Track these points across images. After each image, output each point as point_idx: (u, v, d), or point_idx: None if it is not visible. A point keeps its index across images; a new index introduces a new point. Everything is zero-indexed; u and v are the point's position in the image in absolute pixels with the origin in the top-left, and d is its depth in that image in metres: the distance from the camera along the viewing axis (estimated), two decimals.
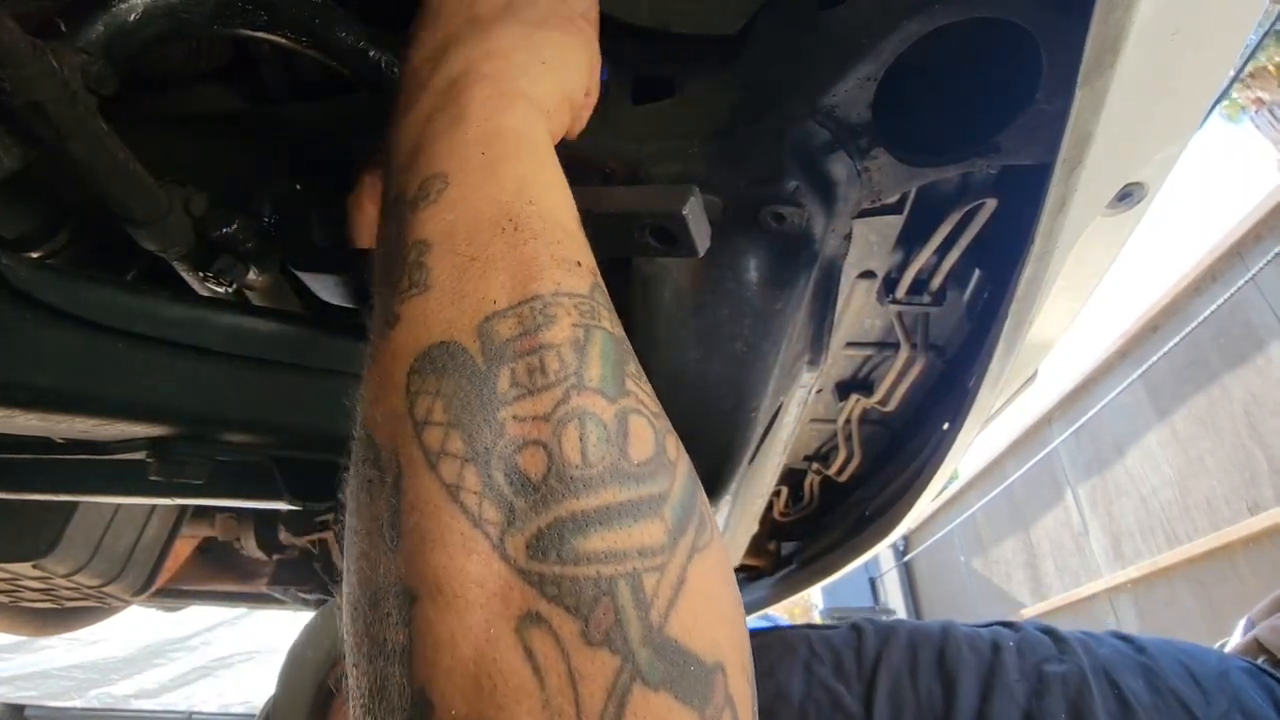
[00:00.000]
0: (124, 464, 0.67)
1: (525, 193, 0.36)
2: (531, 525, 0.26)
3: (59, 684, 5.42)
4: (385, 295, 0.34)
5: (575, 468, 0.27)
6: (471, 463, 0.27)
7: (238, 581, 1.93)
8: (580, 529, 0.26)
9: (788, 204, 0.66)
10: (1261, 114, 8.87)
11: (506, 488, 0.27)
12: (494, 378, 0.29)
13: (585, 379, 0.30)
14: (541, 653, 0.24)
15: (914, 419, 1.43)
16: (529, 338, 0.30)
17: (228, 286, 0.62)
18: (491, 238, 0.34)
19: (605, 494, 0.27)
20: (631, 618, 0.25)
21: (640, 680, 0.24)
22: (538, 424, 0.28)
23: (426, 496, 0.27)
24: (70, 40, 0.45)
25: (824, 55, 0.60)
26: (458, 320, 0.31)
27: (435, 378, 0.29)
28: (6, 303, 0.44)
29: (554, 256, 0.34)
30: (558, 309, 0.31)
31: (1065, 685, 0.66)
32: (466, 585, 0.25)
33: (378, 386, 0.32)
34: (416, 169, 0.38)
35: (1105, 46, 0.43)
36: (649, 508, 0.28)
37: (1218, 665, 0.71)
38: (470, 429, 0.28)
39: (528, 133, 0.40)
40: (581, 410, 0.29)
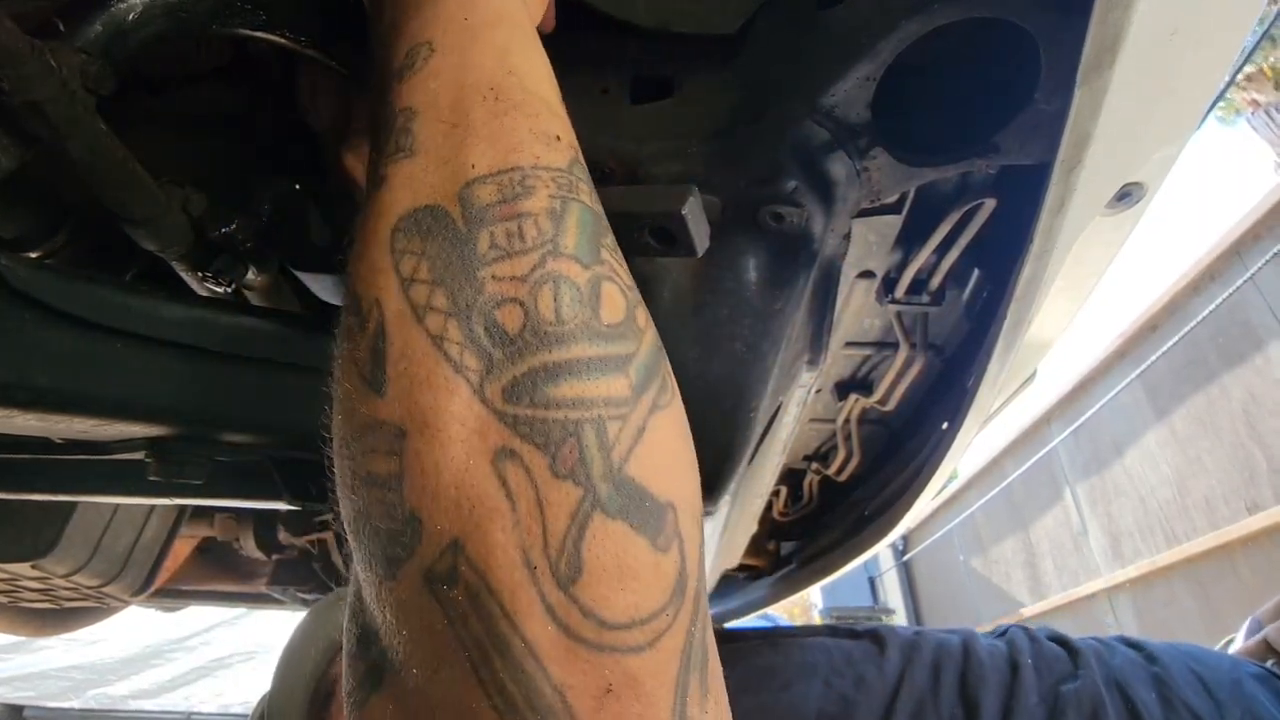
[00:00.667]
0: (123, 464, 0.67)
1: (506, 61, 0.38)
2: (508, 373, 0.29)
3: (57, 684, 5.41)
4: (374, 159, 0.36)
5: (549, 324, 0.30)
6: (454, 317, 0.30)
7: (237, 581, 1.93)
8: (551, 378, 0.29)
9: (787, 204, 0.66)
10: (1258, 115, 8.88)
11: (486, 340, 0.30)
12: (474, 240, 0.31)
13: (561, 245, 0.32)
14: (513, 481, 0.28)
15: (913, 419, 1.43)
16: (507, 205, 0.32)
17: (227, 286, 0.62)
18: (473, 105, 0.35)
19: (575, 348, 0.30)
20: (595, 456, 0.28)
21: (600, 509, 0.28)
22: (515, 284, 0.31)
23: (414, 345, 0.30)
24: (69, 40, 0.45)
25: (823, 55, 0.60)
26: (440, 185, 0.33)
27: (420, 239, 0.32)
28: (5, 303, 0.44)
29: (533, 130, 0.35)
30: (535, 181, 0.33)
31: (1080, 704, 0.67)
32: (450, 422, 0.28)
33: (363, 242, 0.34)
34: (402, 38, 0.39)
35: (1104, 46, 0.43)
36: (615, 365, 0.31)
37: (1230, 673, 0.70)
38: (453, 287, 0.30)
39: (507, 3, 0.41)
40: (556, 273, 0.31)
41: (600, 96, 0.67)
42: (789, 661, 0.81)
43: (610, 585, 0.27)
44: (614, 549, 0.28)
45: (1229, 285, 4.03)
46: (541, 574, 0.27)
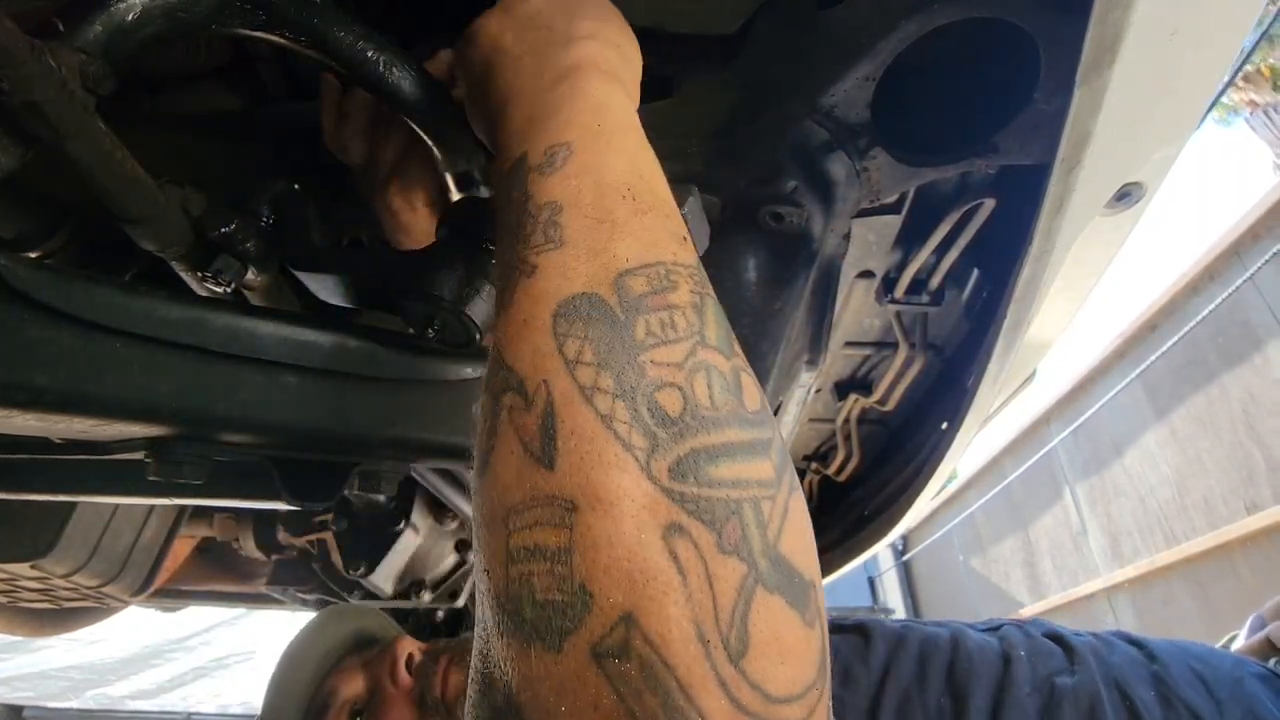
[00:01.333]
0: (122, 464, 0.66)
1: (636, 166, 0.42)
2: (672, 453, 0.31)
3: (56, 684, 5.41)
4: (516, 248, 0.39)
5: (705, 409, 0.32)
6: (620, 398, 0.32)
7: (236, 582, 1.92)
8: (712, 459, 0.31)
9: (786, 204, 0.66)
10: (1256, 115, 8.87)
11: (650, 420, 0.32)
12: (632, 326, 0.34)
13: (707, 337, 0.35)
14: (684, 556, 0.29)
15: (913, 418, 1.43)
16: (658, 296, 0.35)
17: (226, 286, 0.62)
18: (615, 204, 0.39)
19: (730, 432, 0.32)
20: (754, 534, 0.30)
21: (762, 584, 0.29)
22: (672, 369, 0.33)
23: (584, 424, 0.31)
24: (68, 40, 0.44)
25: (823, 55, 0.60)
26: (595, 274, 0.36)
27: (582, 324, 0.34)
28: (4, 303, 0.44)
29: (667, 230, 0.39)
30: (677, 276, 0.36)
31: (1077, 699, 0.65)
32: (621, 498, 0.30)
33: (520, 325, 0.36)
34: (539, 136, 0.43)
35: (1103, 47, 0.43)
36: (761, 448, 0.33)
37: (1231, 672, 0.69)
38: (617, 370, 0.33)
39: (628, 112, 0.47)
40: (706, 363, 0.34)
41: None
42: None
43: (773, 659, 0.28)
44: (774, 624, 0.29)
45: (1228, 285, 4.04)
46: (714, 648, 0.27)
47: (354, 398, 0.61)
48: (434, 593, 1.72)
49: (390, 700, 1.00)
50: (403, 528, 1.57)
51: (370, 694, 1.03)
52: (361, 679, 1.05)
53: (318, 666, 1.08)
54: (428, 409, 0.64)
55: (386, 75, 0.55)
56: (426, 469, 1.34)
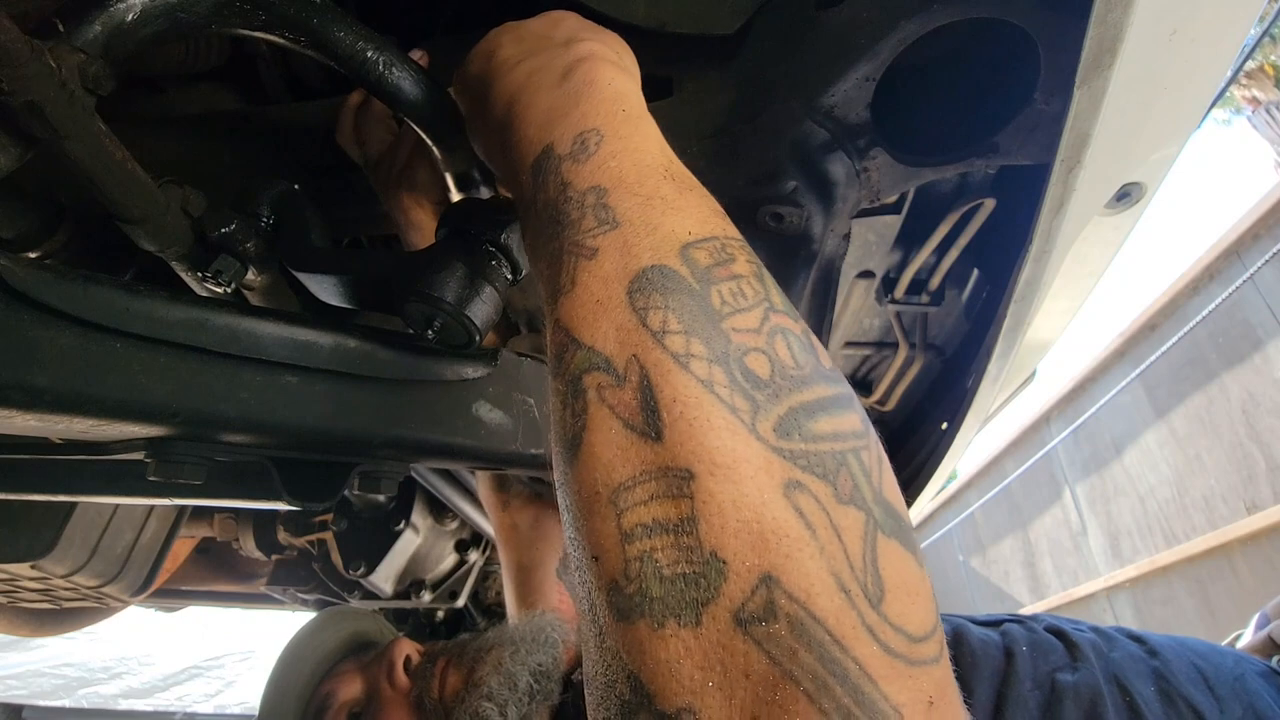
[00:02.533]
0: (122, 464, 0.66)
1: (664, 149, 0.42)
2: (773, 412, 0.31)
3: (52, 683, 5.41)
4: (566, 235, 0.38)
5: (792, 369, 0.33)
6: (716, 363, 0.32)
7: (236, 582, 1.92)
8: (810, 414, 0.31)
9: (786, 204, 0.66)
10: (1258, 113, 8.86)
11: (746, 384, 0.32)
12: (707, 295, 0.34)
13: (774, 304, 0.35)
14: (808, 510, 0.29)
15: (912, 418, 1.43)
16: (723, 267, 0.35)
17: (226, 287, 0.62)
18: (660, 182, 0.39)
19: (819, 389, 0.33)
20: (863, 483, 0.31)
21: (881, 530, 0.30)
22: (752, 335, 0.33)
23: (687, 391, 0.31)
24: (68, 40, 0.44)
25: (822, 55, 0.60)
26: (660, 247, 0.36)
27: (660, 294, 0.34)
28: (4, 303, 0.44)
29: (711, 206, 0.39)
30: (733, 248, 0.37)
31: (1078, 695, 0.65)
32: (739, 460, 0.29)
33: (594, 306, 0.35)
34: (564, 125, 0.43)
35: (1103, 47, 0.43)
36: (847, 401, 0.33)
37: (1233, 669, 0.69)
38: (706, 336, 0.33)
39: (641, 99, 0.47)
40: (781, 326, 0.34)
41: None
42: None
43: (907, 601, 0.29)
44: (900, 566, 0.29)
45: (1228, 285, 4.04)
46: (856, 596, 0.28)
47: (354, 398, 0.61)
48: (434, 593, 1.72)
49: (388, 703, 1.00)
50: (403, 528, 1.57)
51: (368, 697, 1.02)
52: (359, 682, 1.04)
53: (314, 670, 1.07)
54: (428, 409, 0.64)
55: (386, 75, 0.55)
56: (426, 469, 1.34)
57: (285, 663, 1.10)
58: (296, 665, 1.08)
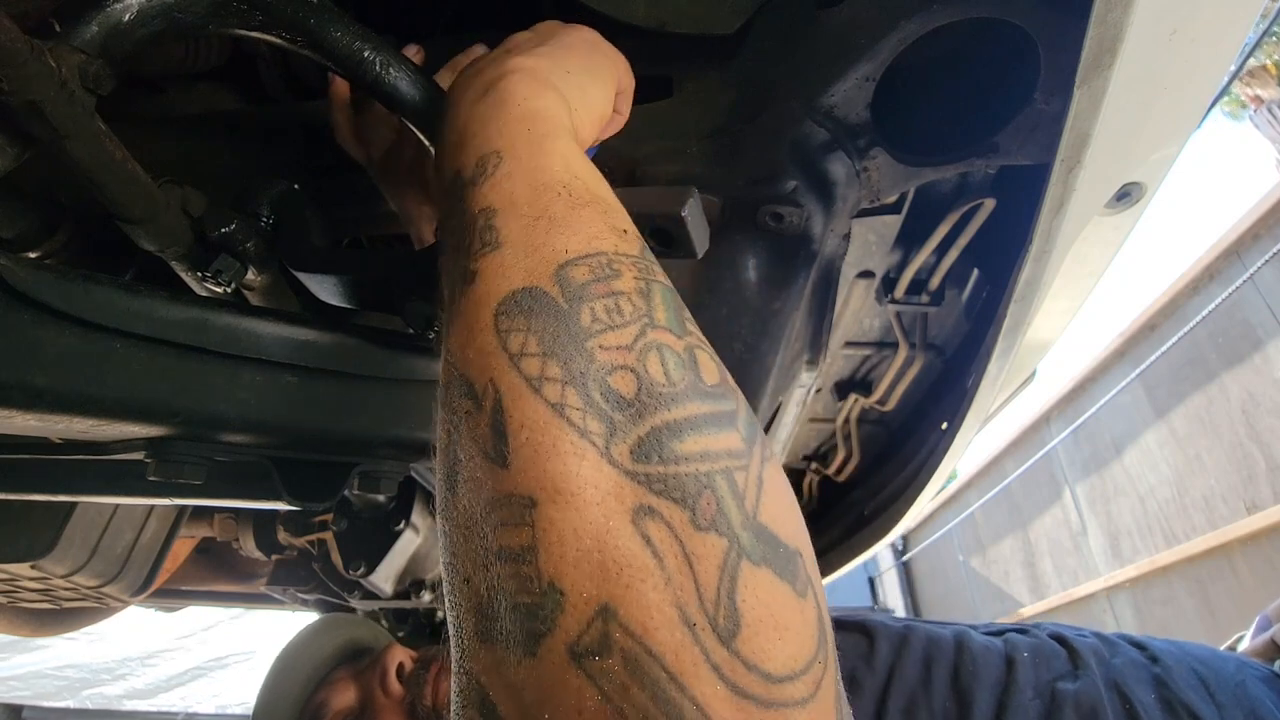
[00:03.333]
0: (122, 464, 0.66)
1: (570, 167, 0.41)
2: (632, 434, 0.30)
3: (54, 684, 5.41)
4: (457, 259, 0.38)
5: (662, 386, 0.31)
6: (570, 384, 0.31)
7: (236, 582, 1.92)
8: (675, 434, 0.30)
9: (786, 204, 0.66)
10: (1260, 112, 8.85)
11: (604, 404, 0.30)
12: (577, 314, 0.33)
13: (655, 319, 0.34)
14: (657, 538, 0.27)
15: (912, 418, 1.43)
16: (601, 284, 0.34)
17: (226, 286, 0.62)
18: (550, 201, 0.38)
19: (690, 406, 0.31)
20: (731, 506, 0.29)
21: (746, 558, 0.28)
22: (622, 352, 0.32)
23: (534, 415, 0.30)
24: (66, 40, 0.44)
25: (822, 55, 0.60)
26: (535, 268, 0.35)
27: (524, 317, 0.33)
28: (4, 303, 0.44)
29: (607, 222, 0.38)
30: (620, 265, 0.36)
31: (1079, 704, 0.65)
32: (583, 486, 0.28)
33: (465, 331, 0.35)
34: (470, 149, 0.42)
35: (1103, 47, 0.43)
36: (726, 420, 0.32)
37: (1234, 675, 0.69)
38: (564, 357, 0.31)
39: (561, 116, 0.45)
40: (658, 342, 0.33)
41: None
42: None
43: (769, 636, 0.27)
44: (765, 598, 0.27)
45: (1228, 285, 4.04)
46: (702, 630, 0.26)
47: (354, 398, 0.61)
48: (434, 593, 1.72)
49: (381, 710, 1.00)
50: (402, 528, 1.57)
51: (362, 705, 1.02)
52: (353, 689, 1.04)
53: (309, 678, 1.07)
54: (428, 409, 0.64)
55: (383, 75, 0.55)
56: (426, 469, 1.34)
57: (279, 670, 1.10)
58: (290, 673, 1.08)
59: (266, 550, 1.63)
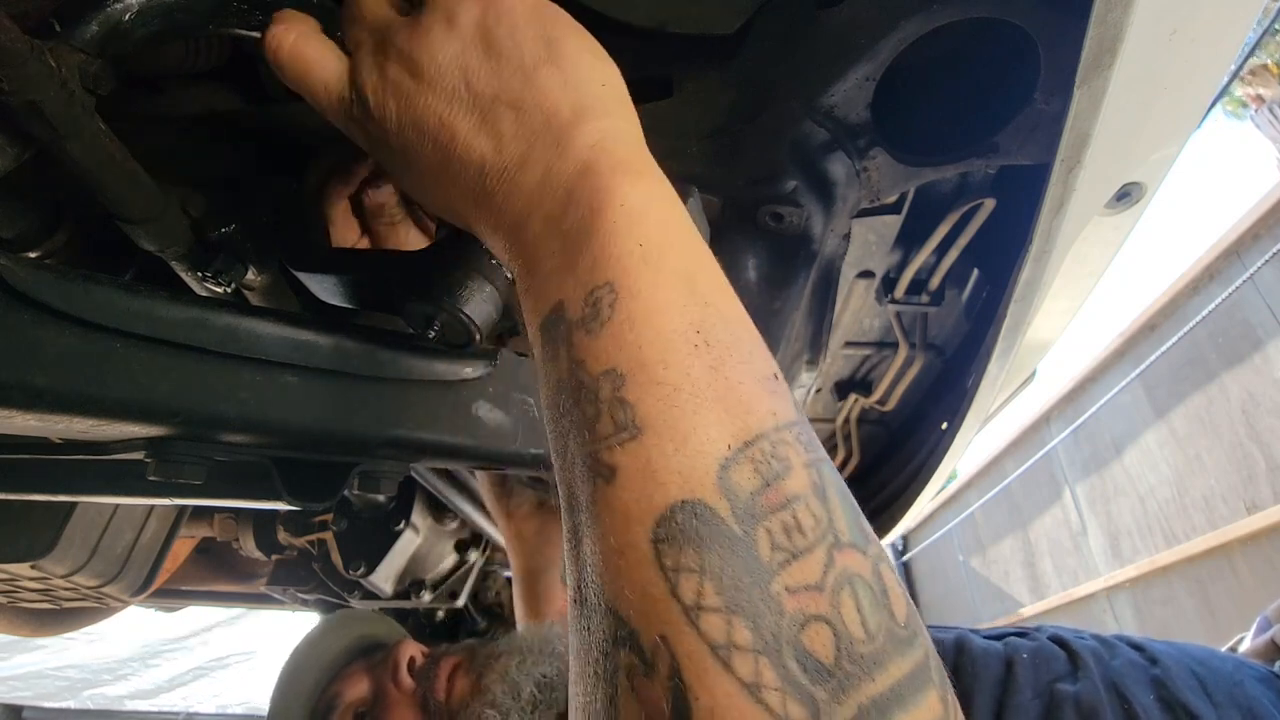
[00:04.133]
0: (122, 464, 0.66)
1: (697, 290, 0.34)
2: (838, 717, 0.25)
3: (54, 684, 5.41)
4: (582, 438, 0.31)
5: (861, 643, 0.27)
6: (764, 655, 0.26)
7: (236, 582, 1.92)
8: (882, 714, 0.26)
9: (786, 204, 0.66)
10: (1261, 112, 8.84)
11: (803, 678, 0.26)
12: (753, 543, 0.27)
13: (839, 533, 0.29)
14: None
15: (912, 418, 1.43)
16: (773, 490, 0.28)
17: (226, 286, 0.62)
18: (688, 359, 0.31)
19: (892, 669, 0.27)
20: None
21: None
22: (813, 595, 0.27)
23: (727, 700, 0.25)
24: (66, 40, 0.44)
25: (822, 55, 0.60)
26: (691, 473, 0.28)
27: (694, 550, 0.27)
28: (4, 303, 0.44)
29: (756, 377, 0.32)
30: (785, 448, 0.30)
31: (1079, 705, 0.65)
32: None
33: (615, 556, 0.29)
34: (573, 280, 0.34)
35: (1103, 47, 0.43)
36: (924, 675, 0.27)
37: (1231, 675, 0.69)
38: (752, 614, 0.26)
39: (660, 202, 0.36)
40: (849, 573, 0.28)
41: None
42: None
43: None
44: None
45: (1228, 285, 4.04)
46: None
47: (354, 398, 0.61)
48: (434, 593, 1.72)
49: (393, 702, 1.01)
50: (403, 528, 1.57)
51: (374, 697, 1.04)
52: (366, 682, 1.06)
53: (323, 672, 1.09)
54: (428, 409, 0.64)
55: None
56: (426, 469, 1.34)
57: (294, 664, 1.12)
58: (305, 667, 1.10)
59: (266, 550, 1.63)
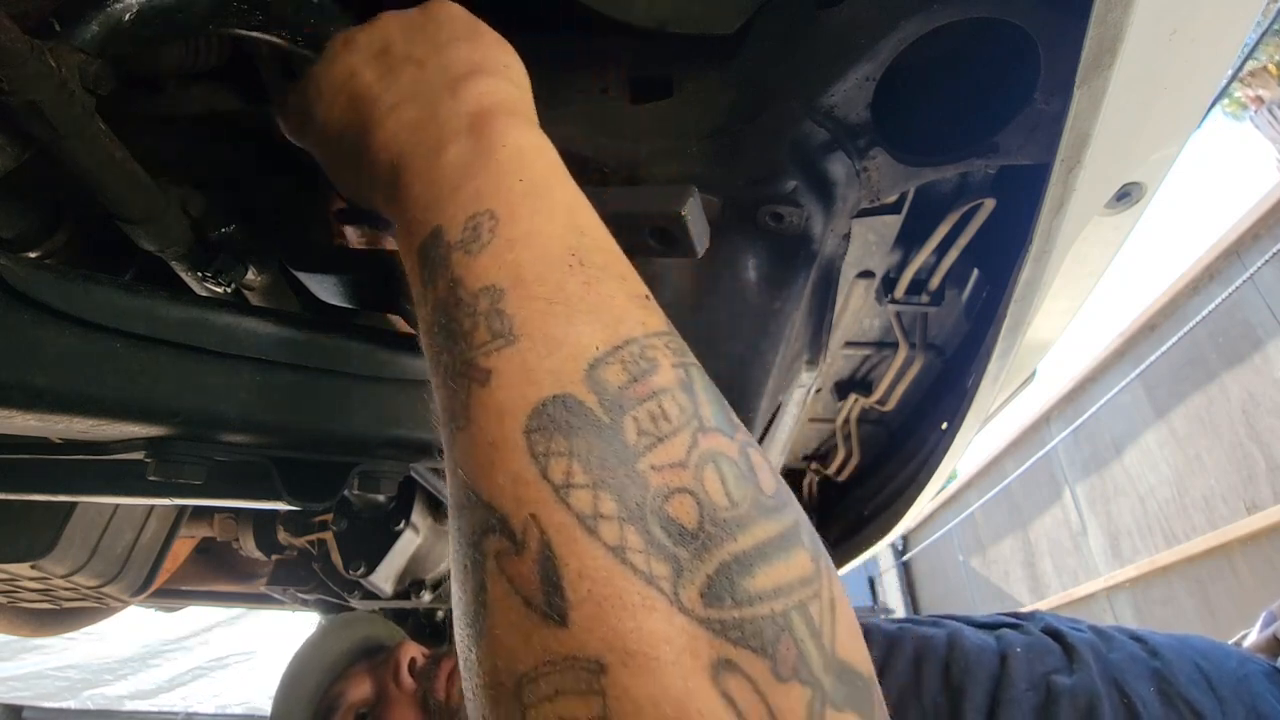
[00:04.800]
0: (122, 464, 0.66)
1: (574, 221, 0.36)
2: (700, 573, 0.27)
3: (54, 684, 5.41)
4: (459, 348, 0.33)
5: (724, 510, 0.28)
6: (629, 522, 0.27)
7: (236, 582, 1.92)
8: (746, 569, 0.27)
9: (786, 204, 0.66)
10: (1260, 113, 8.85)
11: (666, 540, 0.27)
12: (620, 429, 0.29)
13: (705, 420, 0.30)
14: (740, 697, 0.25)
15: (912, 418, 1.43)
16: (641, 384, 0.30)
17: (226, 286, 0.62)
18: (563, 277, 0.33)
19: (757, 530, 0.28)
20: (811, 648, 0.27)
21: (831, 705, 0.26)
22: (676, 471, 0.29)
23: (594, 562, 0.27)
24: (66, 40, 0.44)
25: (822, 55, 0.60)
26: (563, 371, 0.30)
27: (563, 437, 0.29)
28: (4, 303, 0.44)
29: (627, 294, 0.34)
30: (654, 351, 0.32)
31: (1075, 698, 0.65)
32: (657, 645, 0.25)
33: (487, 449, 0.30)
34: (454, 205, 0.37)
35: (1103, 47, 0.43)
36: (793, 538, 0.29)
37: (1236, 670, 0.69)
38: (617, 487, 0.28)
39: (546, 150, 0.40)
40: (713, 451, 0.29)
41: (600, 96, 0.67)
42: None
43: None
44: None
45: (1228, 285, 4.04)
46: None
47: (354, 398, 0.61)
48: (434, 593, 1.72)
49: (394, 702, 1.02)
50: (403, 528, 1.57)
51: (376, 697, 1.05)
52: (368, 683, 1.07)
53: (325, 673, 1.10)
54: (428, 409, 0.64)
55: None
56: (426, 469, 1.34)
57: (297, 665, 1.13)
58: (308, 667, 1.11)
59: (266, 550, 1.63)
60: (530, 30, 0.72)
